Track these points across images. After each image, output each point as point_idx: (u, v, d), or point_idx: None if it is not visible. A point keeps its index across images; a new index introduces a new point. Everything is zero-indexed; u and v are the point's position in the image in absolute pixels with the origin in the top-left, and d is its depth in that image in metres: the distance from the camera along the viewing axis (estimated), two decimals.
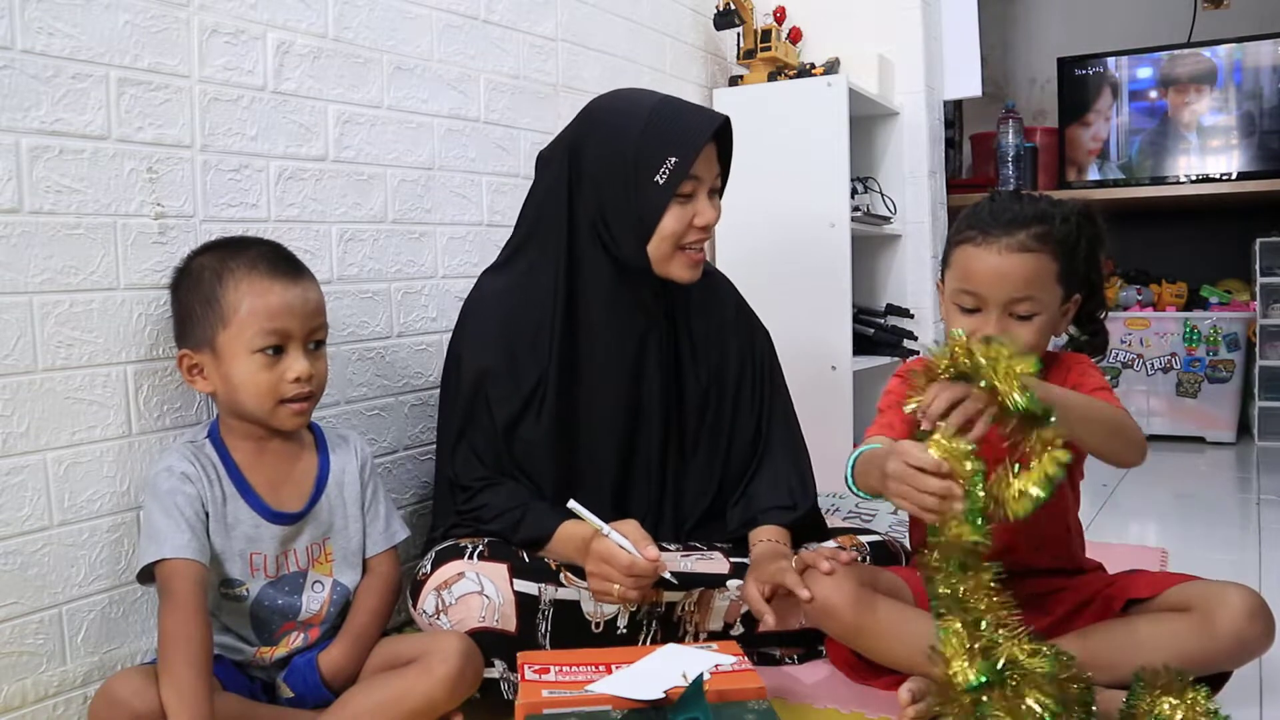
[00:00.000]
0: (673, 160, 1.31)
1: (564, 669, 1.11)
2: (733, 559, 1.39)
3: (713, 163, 1.36)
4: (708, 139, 1.32)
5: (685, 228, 1.35)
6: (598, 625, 1.30)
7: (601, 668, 1.12)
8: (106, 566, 1.19)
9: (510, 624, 1.23)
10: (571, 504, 1.23)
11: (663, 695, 1.02)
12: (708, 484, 1.48)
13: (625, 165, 1.33)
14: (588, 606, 1.29)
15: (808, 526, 1.46)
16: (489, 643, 1.20)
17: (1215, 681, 1.20)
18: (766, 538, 1.40)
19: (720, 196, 1.42)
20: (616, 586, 1.22)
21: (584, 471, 1.42)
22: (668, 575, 1.27)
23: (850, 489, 1.23)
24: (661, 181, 1.31)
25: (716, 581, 1.36)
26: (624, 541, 1.22)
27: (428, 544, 1.41)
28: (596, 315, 1.40)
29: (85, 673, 1.17)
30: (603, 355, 1.40)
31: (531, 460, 1.38)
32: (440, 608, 1.23)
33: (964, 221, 1.27)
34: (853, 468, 1.23)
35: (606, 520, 1.25)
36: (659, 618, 1.34)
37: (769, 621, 1.26)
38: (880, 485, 1.10)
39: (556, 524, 1.31)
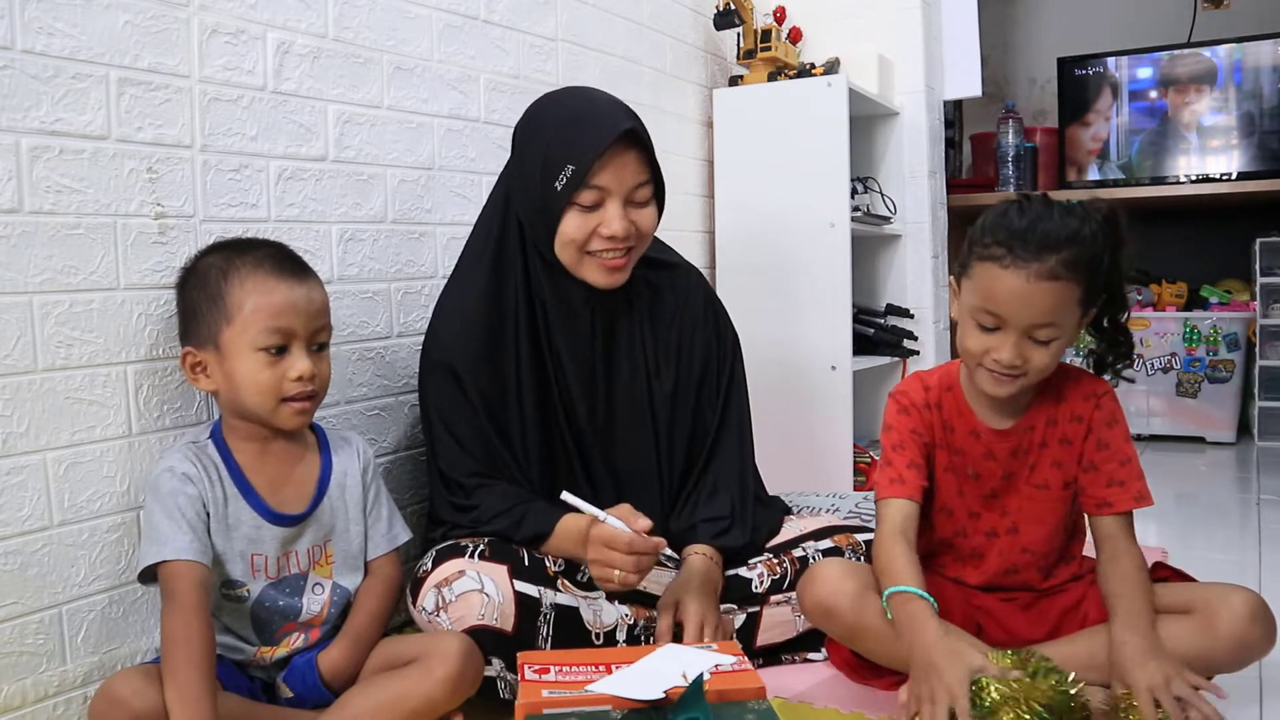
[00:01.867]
0: (570, 169, 1.29)
1: (564, 669, 1.11)
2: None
3: (628, 172, 1.31)
4: (600, 152, 1.27)
5: (588, 236, 1.32)
6: (597, 636, 1.30)
7: (601, 668, 1.11)
8: (107, 566, 1.19)
9: (508, 623, 1.23)
10: (565, 496, 1.22)
11: (663, 695, 1.02)
12: (673, 479, 1.49)
13: (535, 168, 1.32)
14: (587, 615, 1.30)
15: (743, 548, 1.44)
16: (486, 641, 1.20)
17: None
18: (702, 551, 1.39)
19: (657, 204, 1.38)
20: (617, 572, 1.20)
21: (560, 458, 1.43)
22: (667, 551, 1.26)
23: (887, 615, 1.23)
24: (559, 188, 1.30)
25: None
26: (620, 524, 1.21)
27: (426, 544, 1.41)
28: (550, 308, 1.41)
29: (85, 673, 1.17)
30: (557, 347, 1.42)
31: (514, 445, 1.40)
32: (440, 604, 1.23)
33: (989, 233, 1.21)
34: (888, 600, 1.22)
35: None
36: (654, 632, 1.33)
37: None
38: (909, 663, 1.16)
39: (557, 519, 1.31)
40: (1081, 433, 1.29)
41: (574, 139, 1.30)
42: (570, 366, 1.41)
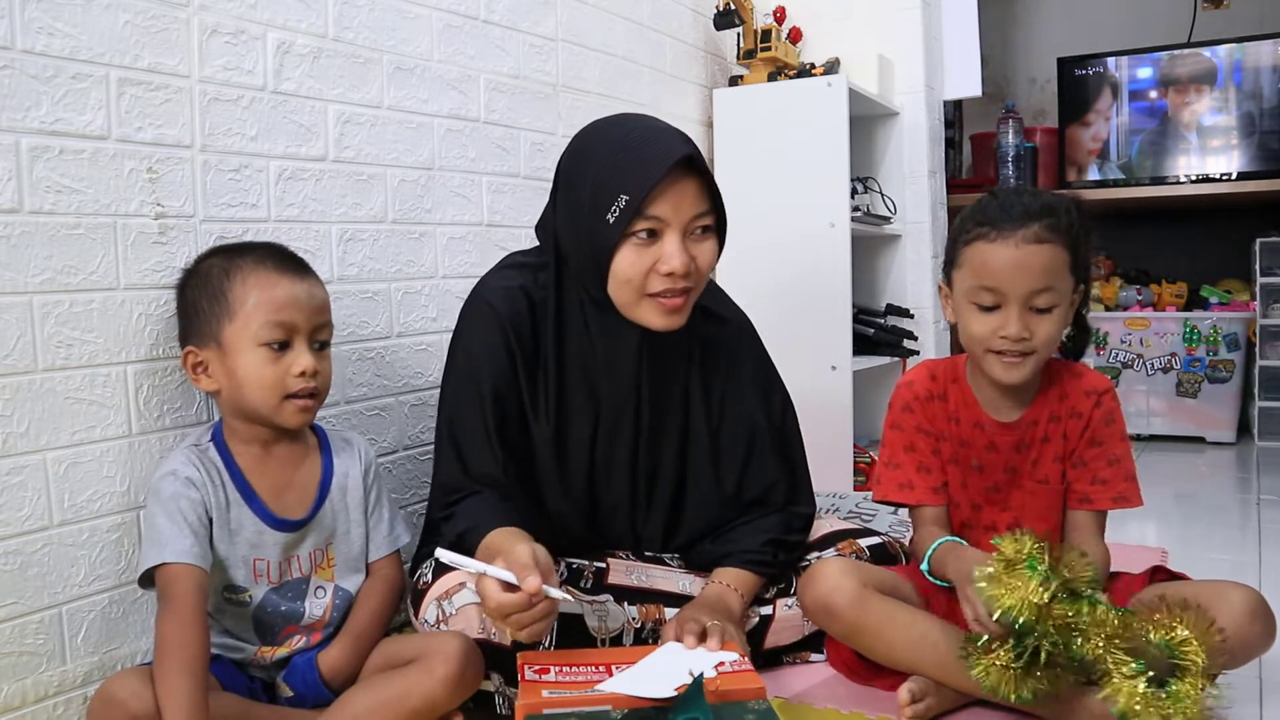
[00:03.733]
0: (623, 199, 1.20)
1: (564, 669, 1.11)
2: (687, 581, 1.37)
3: (686, 202, 1.22)
4: (658, 178, 1.19)
5: (645, 273, 1.23)
6: (603, 642, 1.27)
7: (601, 668, 1.11)
8: (107, 566, 1.19)
9: (506, 638, 1.18)
10: (439, 553, 1.09)
11: (673, 694, 1.02)
12: (701, 523, 1.43)
13: (584, 203, 1.24)
14: (592, 622, 1.27)
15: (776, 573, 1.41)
16: (486, 655, 1.17)
17: None
18: (722, 580, 1.34)
19: (718, 236, 1.30)
20: (508, 630, 1.08)
21: (580, 490, 1.37)
22: (558, 595, 1.08)
23: (926, 576, 1.28)
24: (612, 221, 1.21)
25: (671, 601, 1.33)
26: (506, 575, 1.05)
27: (419, 554, 1.38)
28: (598, 349, 1.34)
29: (85, 673, 1.17)
30: (598, 388, 1.35)
31: (524, 466, 1.34)
32: (441, 618, 1.21)
33: (971, 219, 1.26)
34: (929, 559, 1.28)
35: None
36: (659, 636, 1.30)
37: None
38: (954, 584, 1.22)
39: (487, 528, 1.20)
40: (1080, 428, 1.30)
41: (627, 167, 1.21)
42: (609, 409, 1.35)
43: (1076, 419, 1.30)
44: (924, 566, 1.28)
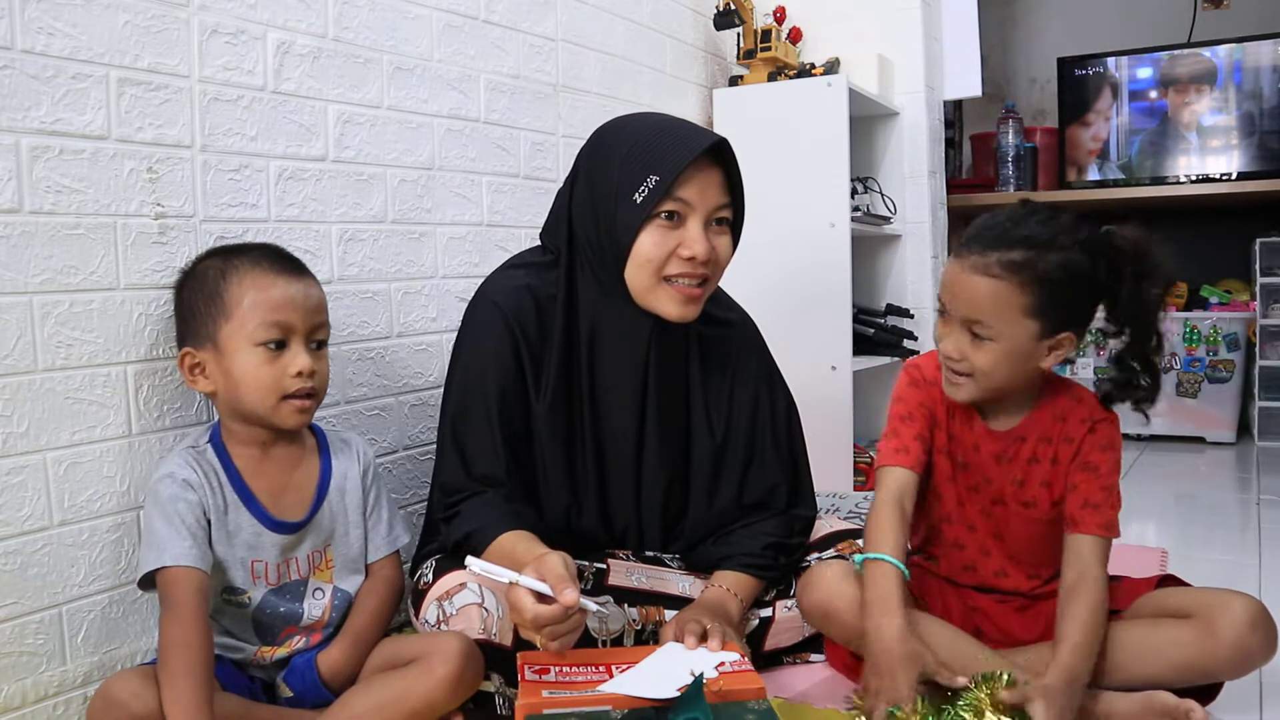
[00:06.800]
0: (653, 179, 1.22)
1: (564, 669, 1.11)
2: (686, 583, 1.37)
3: (712, 191, 1.27)
4: (691, 158, 1.22)
5: (666, 255, 1.25)
6: (604, 644, 1.27)
7: (601, 668, 1.11)
8: (106, 567, 1.19)
9: (508, 637, 1.19)
10: (469, 561, 1.10)
11: (674, 694, 1.02)
12: (703, 524, 1.42)
13: (610, 184, 1.26)
14: (593, 623, 1.26)
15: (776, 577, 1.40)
16: (486, 655, 1.17)
17: (1206, 693, 1.20)
18: (722, 583, 1.33)
19: (734, 233, 1.33)
20: (538, 637, 1.09)
21: (582, 487, 1.37)
22: (593, 607, 1.11)
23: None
24: (639, 200, 1.24)
25: (671, 603, 1.33)
26: (540, 585, 1.06)
27: (419, 554, 1.38)
28: (604, 337, 1.34)
29: (85, 673, 1.17)
30: (600, 379, 1.35)
31: (526, 467, 1.34)
32: (441, 618, 1.21)
33: (967, 230, 1.24)
34: (864, 565, 1.23)
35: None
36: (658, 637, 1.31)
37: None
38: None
39: (496, 530, 1.22)
40: (1070, 454, 1.27)
41: (658, 149, 1.24)
42: (613, 399, 1.35)
43: (1068, 444, 1.27)
44: (857, 560, 1.24)
